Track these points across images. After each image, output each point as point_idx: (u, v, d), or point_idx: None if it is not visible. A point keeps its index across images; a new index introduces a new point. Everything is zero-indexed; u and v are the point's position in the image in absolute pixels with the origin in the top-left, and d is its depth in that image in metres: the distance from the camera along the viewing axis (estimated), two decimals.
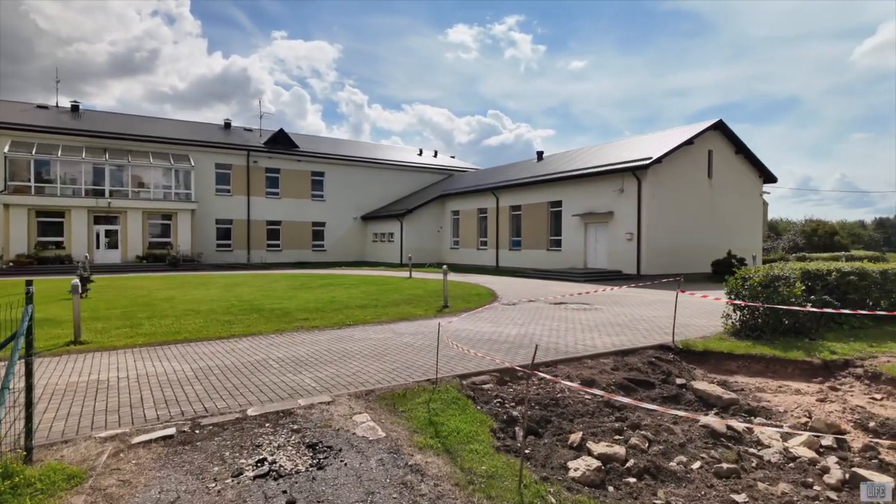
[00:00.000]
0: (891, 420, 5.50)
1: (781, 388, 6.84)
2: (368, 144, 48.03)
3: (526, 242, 28.35)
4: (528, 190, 28.13)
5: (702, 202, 23.59)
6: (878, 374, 6.68)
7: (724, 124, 24.00)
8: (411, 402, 5.41)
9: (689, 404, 6.47)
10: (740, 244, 23.93)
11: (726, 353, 7.88)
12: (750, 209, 25.73)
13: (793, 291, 8.43)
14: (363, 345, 8.31)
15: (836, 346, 7.94)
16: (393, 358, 7.35)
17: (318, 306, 12.74)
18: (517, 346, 8.17)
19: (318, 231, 38.21)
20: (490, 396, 6.08)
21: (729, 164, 24.70)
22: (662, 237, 22.08)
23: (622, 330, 9.57)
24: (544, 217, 27.06)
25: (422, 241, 34.41)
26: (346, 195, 38.80)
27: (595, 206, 23.88)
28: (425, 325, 10.34)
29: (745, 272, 9.03)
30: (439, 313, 11.94)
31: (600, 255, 23.76)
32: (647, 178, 21.66)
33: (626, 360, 7.61)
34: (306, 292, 16.22)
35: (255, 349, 8.03)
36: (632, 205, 22.10)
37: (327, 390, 5.79)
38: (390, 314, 11.62)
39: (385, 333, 9.36)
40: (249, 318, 11.04)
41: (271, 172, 36.47)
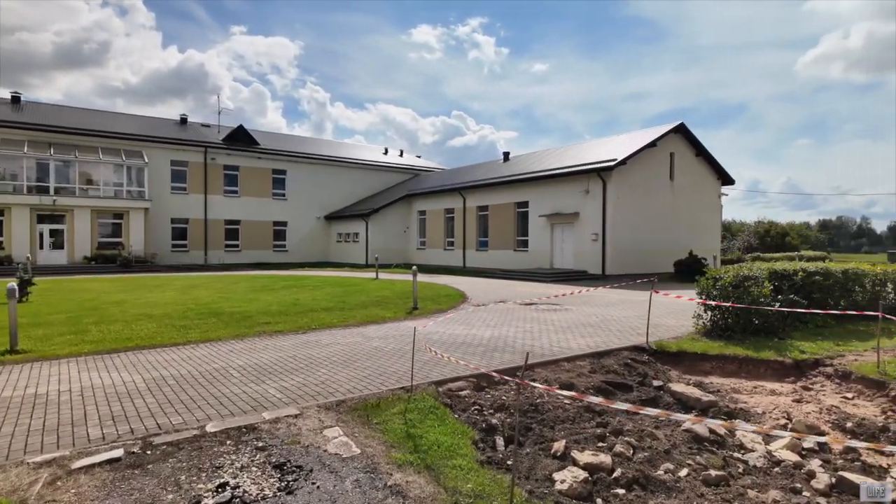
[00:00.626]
0: (866, 420, 5.52)
1: (756, 388, 6.84)
2: (332, 142, 47.09)
3: (493, 243, 28.28)
4: (495, 190, 28.08)
5: (664, 203, 24.04)
6: (848, 374, 6.76)
7: (686, 127, 24.55)
8: (386, 413, 5.08)
9: (668, 407, 6.36)
10: (700, 245, 24.51)
11: (700, 354, 7.86)
12: (709, 210, 26.42)
13: (762, 291, 8.51)
14: (331, 350, 7.90)
15: (804, 345, 8.04)
16: (363, 364, 6.99)
17: (281, 309, 12.20)
18: (492, 349, 7.93)
19: (279, 231, 37.15)
20: (468, 404, 5.81)
21: (689, 167, 25.28)
22: (626, 237, 22.37)
23: (595, 331, 9.48)
24: (511, 217, 27.05)
25: (388, 242, 33.91)
26: (308, 194, 37.87)
27: (561, 207, 24.00)
28: (395, 328, 9.99)
29: (716, 273, 9.08)
30: (409, 315, 11.61)
31: (566, 255, 23.90)
32: (611, 180, 21.90)
33: (603, 363, 7.48)
34: (268, 294, 15.59)
35: (213, 357, 7.51)
36: (597, 205, 22.30)
37: (294, 402, 5.39)
38: (358, 317, 11.21)
39: (353, 337, 8.97)
40: (207, 322, 10.42)
41: (230, 170, 35.22)
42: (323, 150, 41.16)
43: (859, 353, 7.63)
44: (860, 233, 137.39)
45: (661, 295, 11.38)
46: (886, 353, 7.51)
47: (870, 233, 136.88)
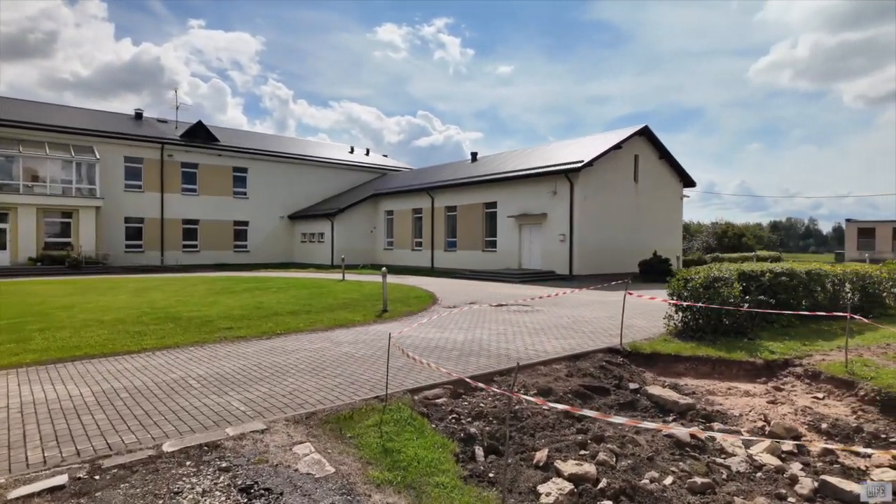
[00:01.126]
0: (840, 421, 5.57)
1: (731, 389, 6.86)
2: (296, 140, 45.97)
3: (461, 243, 28.15)
4: (463, 191, 27.94)
5: (628, 204, 24.42)
6: (818, 374, 6.85)
7: (650, 130, 25.01)
8: (360, 426, 4.79)
9: (646, 411, 6.30)
10: (663, 245, 25.01)
11: (674, 356, 7.87)
12: (671, 211, 27.01)
13: (732, 292, 8.59)
14: (298, 357, 7.53)
15: (773, 345, 8.15)
16: (333, 372, 6.66)
17: (243, 313, 11.67)
18: (467, 353, 7.72)
19: (240, 231, 36.01)
20: (445, 412, 5.58)
21: (653, 169, 25.78)
22: (593, 238, 22.61)
23: (568, 332, 9.40)
24: (480, 218, 26.98)
25: (354, 242, 33.33)
26: (271, 193, 36.85)
27: (529, 208, 24.06)
28: (365, 332, 9.67)
29: (687, 274, 9.13)
30: (379, 319, 11.29)
31: (534, 255, 23.97)
32: (578, 181, 22.08)
33: (579, 366, 7.38)
34: (229, 297, 14.95)
35: (171, 366, 7.03)
36: (564, 206, 22.44)
37: (260, 415, 5.03)
38: (325, 321, 10.82)
39: (321, 343, 8.61)
40: (164, 327, 9.85)
41: (188, 167, 33.91)
42: (286, 147, 40.15)
43: (825, 352, 7.78)
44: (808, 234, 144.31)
45: (630, 295, 11.43)
46: (851, 353, 7.68)
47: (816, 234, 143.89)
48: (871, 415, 5.83)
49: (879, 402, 5.88)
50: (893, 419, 5.66)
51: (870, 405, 5.97)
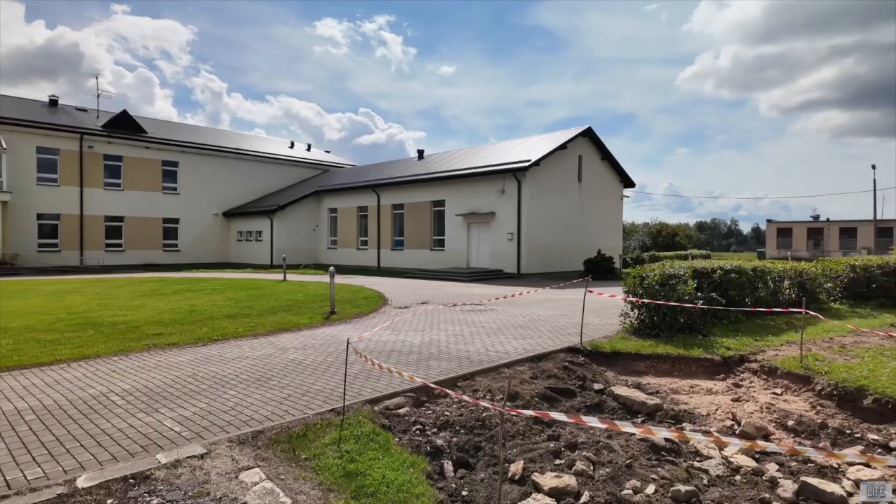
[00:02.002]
0: (805, 417, 5.59)
1: (693, 388, 6.81)
2: (232, 133, 43.68)
3: (409, 242, 27.63)
4: (410, 188, 27.44)
5: (573, 204, 24.80)
6: (774, 369, 6.93)
7: (593, 131, 25.51)
8: (316, 444, 4.25)
9: (614, 412, 6.11)
10: (605, 244, 25.60)
11: (634, 354, 7.78)
12: (613, 211, 27.73)
13: (686, 289, 8.64)
14: (239, 366, 6.82)
15: (727, 341, 8.25)
16: (281, 382, 6.04)
17: (174, 318, 10.67)
18: (426, 356, 7.29)
19: (170, 229, 33.76)
20: (408, 423, 5.12)
21: (595, 169, 26.33)
22: (540, 237, 22.76)
23: (526, 332, 9.17)
24: (427, 216, 26.57)
25: (295, 241, 32.04)
26: (204, 188, 34.79)
27: (478, 207, 23.91)
28: (313, 336, 9.02)
29: (642, 271, 9.12)
30: (327, 321, 10.64)
31: (483, 254, 23.86)
32: (526, 180, 22.14)
33: (542, 367, 7.12)
34: (158, 300, 13.74)
35: (90, 379, 6.15)
36: (512, 205, 22.45)
37: (198, 436, 4.38)
38: (268, 325, 10.06)
39: (265, 349, 7.91)
40: (82, 335, 8.78)
41: (112, 160, 31.39)
42: (221, 140, 38.02)
43: (777, 347, 7.94)
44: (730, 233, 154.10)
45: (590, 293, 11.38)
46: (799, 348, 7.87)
47: (737, 233, 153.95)
48: (829, 409, 5.91)
49: (836, 396, 5.96)
50: (850, 413, 5.74)
51: (827, 399, 6.05)
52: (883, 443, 4.85)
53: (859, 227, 48.95)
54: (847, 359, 7.11)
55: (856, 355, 7.28)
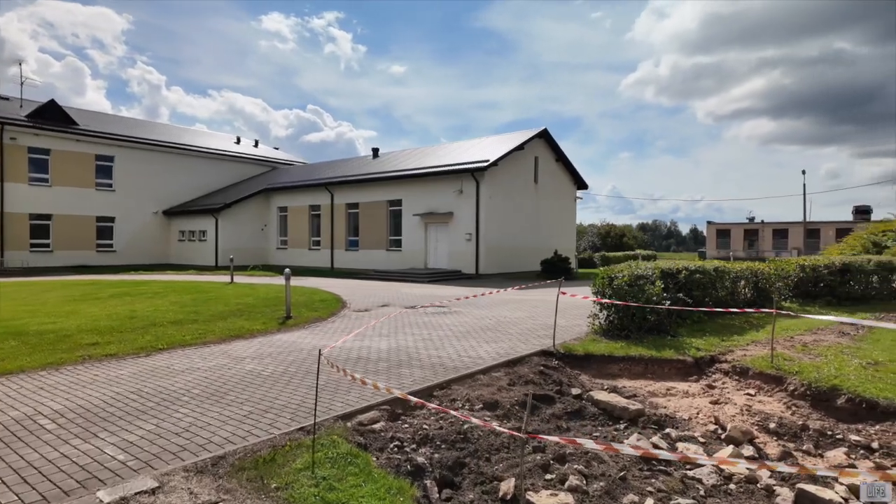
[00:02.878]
0: (785, 419, 5.57)
1: (670, 390, 6.73)
2: (173, 128, 41.33)
3: (364, 242, 26.94)
4: (366, 187, 26.75)
5: (529, 205, 24.91)
6: (746, 370, 6.96)
7: (548, 133, 25.73)
8: (288, 470, 3.77)
9: (595, 419, 5.91)
10: (560, 244, 25.86)
11: (607, 356, 7.65)
12: (567, 212, 28.09)
13: (654, 290, 8.62)
14: (190, 379, 6.18)
15: (695, 342, 8.27)
16: (239, 397, 5.47)
17: (112, 325, 9.73)
18: (396, 363, 6.86)
19: (104, 228, 31.50)
20: (385, 440, 4.71)
21: (550, 171, 26.57)
22: (498, 237, 22.69)
23: (496, 335, 8.90)
24: (384, 216, 25.98)
25: (242, 241, 30.62)
26: (143, 185, 32.68)
27: (435, 206, 23.58)
28: (270, 343, 8.40)
29: (611, 272, 9.05)
30: (283, 326, 10.00)
31: (441, 255, 23.54)
32: (484, 180, 22.01)
33: (517, 371, 6.86)
34: (93, 305, 12.59)
35: (13, 399, 5.37)
36: (471, 205, 22.26)
37: (148, 465, 3.80)
38: (218, 331, 9.33)
39: (218, 359, 7.25)
40: (4, 346, 7.80)
41: (38, 153, 28.92)
42: (161, 134, 35.89)
43: (743, 347, 8.02)
44: (670, 234, 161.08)
45: (543, 294, 11.28)
46: (763, 347, 7.98)
47: (677, 234, 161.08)
48: (804, 409, 5.94)
49: (810, 396, 6.00)
50: (825, 413, 5.78)
51: (800, 400, 6.09)
52: (865, 444, 4.87)
53: (790, 228, 52.09)
54: (811, 357, 7.24)
55: (819, 354, 7.44)
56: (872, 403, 5.48)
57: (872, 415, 5.45)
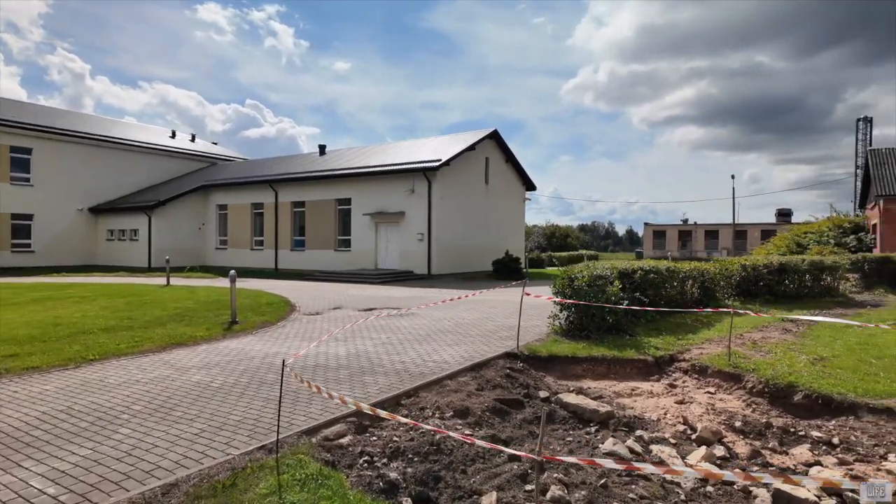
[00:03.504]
0: (749, 418, 5.68)
1: (635, 390, 6.75)
2: (100, 119, 38.42)
3: (311, 242, 26.05)
4: (313, 185, 25.88)
5: (480, 205, 24.94)
6: (705, 368, 7.10)
7: (499, 134, 25.87)
8: (252, 497, 3.38)
9: (565, 422, 5.81)
10: (510, 245, 26.09)
11: (571, 357, 7.62)
12: (516, 213, 28.38)
13: (613, 290, 8.70)
14: (129, 394, 5.58)
15: (652, 341, 8.40)
16: (188, 413, 4.96)
17: (33, 333, 8.79)
18: (358, 370, 6.51)
19: (21, 226, 28.85)
20: (353, 456, 4.38)
21: (501, 171, 26.75)
22: (450, 237, 22.56)
23: (456, 338, 8.70)
24: (332, 215, 25.24)
25: (178, 241, 28.91)
26: (66, 180, 30.17)
27: (386, 206, 23.14)
28: (216, 351, 7.81)
29: (571, 272, 9.06)
30: (228, 332, 9.38)
31: (392, 255, 23.13)
32: (436, 180, 21.80)
33: (484, 376, 6.68)
34: (10, 311, 11.39)
35: None
36: (422, 205, 21.99)
37: (85, 499, 3.31)
38: (157, 339, 8.62)
39: (159, 370, 6.63)
40: None
41: None
42: (87, 126, 33.28)
43: (700, 346, 8.21)
44: (608, 235, 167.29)
45: (497, 294, 11.22)
46: (718, 345, 8.21)
47: (614, 235, 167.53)
48: (763, 406, 6.09)
49: (768, 393, 6.17)
50: (783, 409, 5.95)
51: (758, 397, 6.25)
52: (826, 440, 5.01)
53: (721, 229, 55.19)
54: (763, 354, 7.50)
55: (769, 350, 7.71)
56: (828, 399, 5.68)
57: (828, 410, 5.64)
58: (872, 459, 4.67)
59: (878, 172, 24.66)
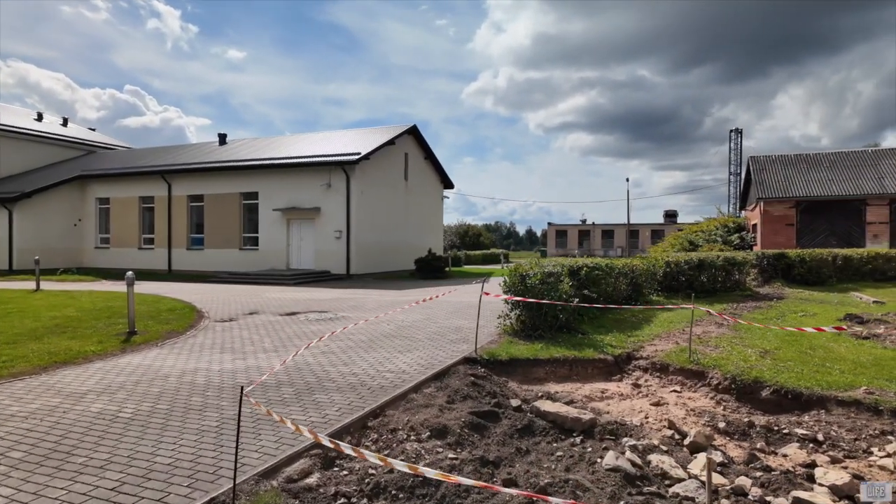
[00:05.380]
0: (731, 417, 5.54)
1: (605, 392, 6.44)
2: None
3: (211, 240, 23.65)
4: (214, 177, 23.50)
5: (400, 202, 24.16)
6: (666, 366, 6.98)
7: (418, 130, 25.24)
8: None
9: (546, 433, 5.30)
10: (430, 243, 25.56)
11: (532, 360, 7.18)
12: (435, 211, 27.94)
13: (563, 287, 8.43)
14: (5, 435, 4.21)
15: (604, 338, 8.24)
16: (95, 458, 3.78)
17: None
18: (305, 388, 5.54)
19: None
20: (326, 499, 3.53)
21: (420, 168, 26.15)
22: (370, 235, 21.54)
23: (404, 343, 7.94)
24: (236, 210, 23.08)
25: (49, 239, 24.98)
26: None
27: (299, 201, 21.56)
28: (116, 369, 6.41)
29: (521, 269, 8.67)
30: (128, 345, 7.87)
31: (306, 254, 21.60)
32: (355, 174, 20.68)
33: (449, 384, 6.02)
34: None
35: None
36: (340, 201, 20.75)
37: None
38: (33, 357, 6.97)
39: (43, 398, 5.22)
40: None
41: None
42: None
43: (651, 342, 8.16)
44: (509, 234, 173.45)
45: (428, 294, 10.63)
46: (668, 341, 8.22)
47: (515, 235, 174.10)
48: (731, 403, 6.03)
49: (734, 390, 6.12)
50: (751, 406, 5.91)
51: (725, 394, 6.19)
52: (811, 437, 4.95)
53: (616, 229, 58.92)
54: (712, 349, 7.55)
55: (716, 345, 7.80)
56: (796, 394, 5.70)
57: (797, 405, 5.66)
58: (857, 455, 4.64)
59: (758, 177, 27.34)
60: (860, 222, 24.63)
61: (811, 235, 25.31)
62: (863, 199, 24.55)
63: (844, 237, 24.62)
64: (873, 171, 25.37)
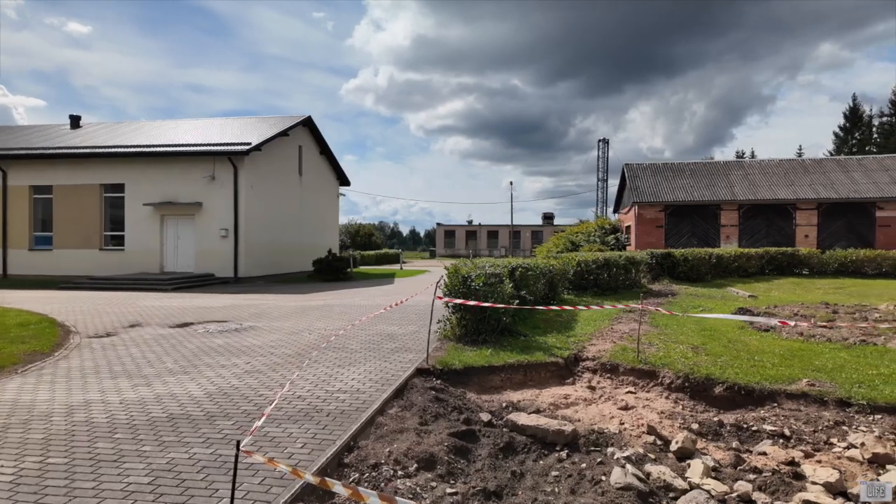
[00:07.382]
0: (702, 418, 5.55)
1: (568, 398, 6.19)
2: None
3: (63, 239, 19.97)
4: (66, 165, 19.88)
5: (294, 199, 22.49)
6: (615, 366, 6.95)
7: (313, 122, 23.73)
8: None
9: (528, 450, 4.88)
10: (326, 242, 24.19)
11: (487, 367, 6.74)
12: (331, 209, 26.52)
13: (505, 289, 8.15)
14: None
15: (548, 340, 8.08)
16: None
17: None
18: (244, 419, 4.53)
19: None
20: None
21: (315, 163, 24.62)
22: (261, 234, 19.70)
23: (341, 354, 7.07)
24: (95, 205, 19.74)
25: None
26: None
27: (176, 195, 19.02)
28: None
29: (462, 270, 8.21)
30: None
31: (185, 255, 19.12)
32: (244, 167, 18.74)
33: (411, 401, 5.39)
34: None
35: None
36: (227, 195, 18.68)
37: None
38: None
39: None
40: None
41: None
42: None
43: (589, 342, 8.15)
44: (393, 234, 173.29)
45: (338, 297, 9.82)
46: (605, 341, 8.29)
47: (399, 235, 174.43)
48: (686, 401, 6.11)
49: (688, 388, 6.22)
50: (706, 403, 6.04)
51: (679, 392, 6.27)
52: (779, 433, 5.08)
53: (500, 230, 61.24)
54: (646, 346, 7.71)
55: (650, 342, 8.01)
56: (749, 389, 5.91)
57: (750, 400, 5.86)
58: (821, 447, 4.84)
59: (632, 183, 29.87)
60: (716, 224, 27.98)
61: (677, 236, 28.19)
62: (718, 204, 27.90)
63: (703, 238, 27.79)
64: (726, 181, 28.98)
